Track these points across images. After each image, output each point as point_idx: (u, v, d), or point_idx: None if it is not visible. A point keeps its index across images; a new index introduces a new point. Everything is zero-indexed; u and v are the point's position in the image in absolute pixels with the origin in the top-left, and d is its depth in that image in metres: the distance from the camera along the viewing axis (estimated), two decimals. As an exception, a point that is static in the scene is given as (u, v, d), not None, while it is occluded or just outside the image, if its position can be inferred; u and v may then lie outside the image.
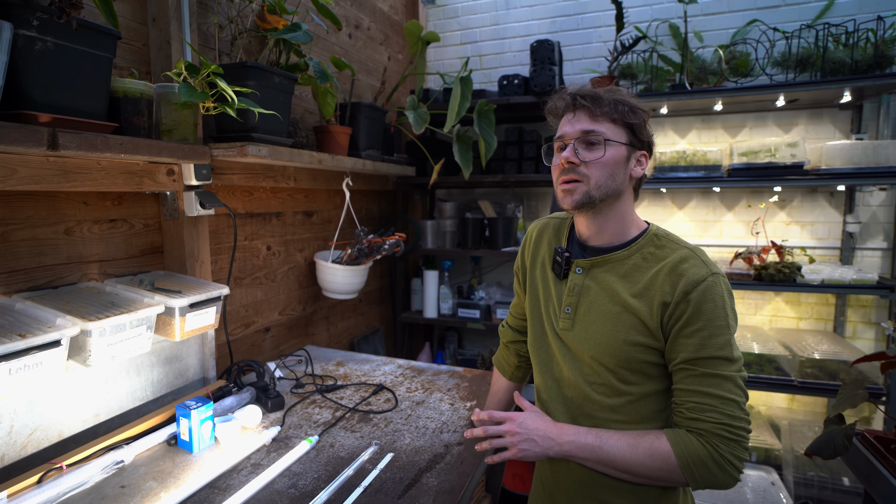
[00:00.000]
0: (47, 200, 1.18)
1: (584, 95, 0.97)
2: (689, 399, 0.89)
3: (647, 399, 0.95)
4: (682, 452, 0.86)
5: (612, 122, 0.95)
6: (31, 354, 0.94)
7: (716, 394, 0.86)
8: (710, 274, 0.90)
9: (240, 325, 1.77)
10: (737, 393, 0.87)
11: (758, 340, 2.20)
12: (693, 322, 0.88)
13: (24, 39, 0.92)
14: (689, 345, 0.88)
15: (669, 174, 2.27)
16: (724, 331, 0.88)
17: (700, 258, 0.93)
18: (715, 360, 0.87)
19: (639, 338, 0.93)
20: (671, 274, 0.91)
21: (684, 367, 0.89)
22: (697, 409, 0.87)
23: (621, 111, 0.95)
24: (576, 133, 0.96)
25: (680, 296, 0.89)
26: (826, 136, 2.35)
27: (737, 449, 0.85)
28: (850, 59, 2.01)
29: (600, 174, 0.94)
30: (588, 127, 0.95)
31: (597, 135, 0.95)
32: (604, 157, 0.94)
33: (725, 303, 0.90)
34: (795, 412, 2.41)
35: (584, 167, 0.95)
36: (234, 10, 1.59)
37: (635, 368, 0.94)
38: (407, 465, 1.15)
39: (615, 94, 0.97)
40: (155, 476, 1.09)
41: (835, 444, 1.15)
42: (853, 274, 2.03)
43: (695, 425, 0.87)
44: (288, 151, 1.58)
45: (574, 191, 0.96)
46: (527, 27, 2.86)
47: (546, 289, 1.08)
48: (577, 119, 0.98)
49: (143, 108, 1.18)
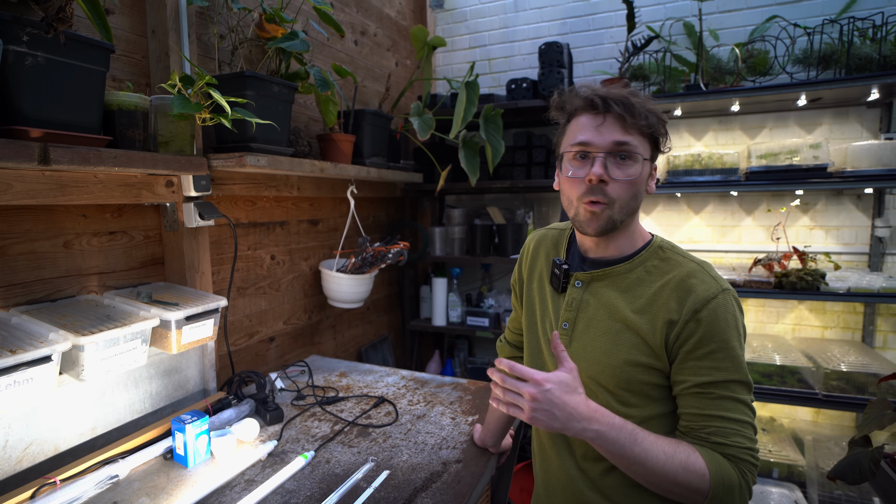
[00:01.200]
0: (45, 214, 1.18)
1: (616, 100, 0.85)
2: (710, 423, 0.83)
3: (648, 423, 0.89)
4: (717, 473, 0.79)
5: (642, 135, 0.86)
6: (22, 370, 0.94)
7: (736, 418, 0.82)
8: (721, 290, 0.85)
9: (243, 335, 1.77)
10: (751, 416, 0.84)
11: (779, 351, 2.10)
12: (705, 344, 0.82)
13: (15, 55, 0.92)
14: (701, 367, 0.83)
15: (684, 178, 2.19)
16: (737, 352, 0.83)
17: (708, 273, 0.88)
18: (732, 383, 0.83)
19: (640, 357, 0.87)
20: (678, 290, 0.86)
21: (698, 391, 0.84)
22: (722, 434, 0.82)
23: (652, 123, 0.86)
24: (607, 145, 0.85)
25: (689, 314, 0.83)
26: (852, 136, 2.24)
27: (754, 474, 0.82)
28: (877, 54, 1.90)
29: (627, 195, 0.86)
30: (621, 138, 0.85)
31: (631, 148, 0.85)
32: (636, 176, 0.86)
33: (738, 322, 0.85)
34: (821, 426, 2.30)
35: (611, 186, 0.85)
36: (235, 20, 1.59)
37: (636, 390, 0.89)
38: (402, 483, 1.11)
39: (644, 101, 0.87)
40: (148, 492, 1.08)
41: (860, 467, 1.07)
42: (882, 281, 1.93)
43: (722, 450, 0.82)
44: (288, 161, 1.56)
45: (600, 215, 0.87)
46: (536, 29, 2.81)
47: (543, 303, 1.03)
48: (606, 127, 0.86)
49: (138, 120, 1.18)
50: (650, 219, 2.57)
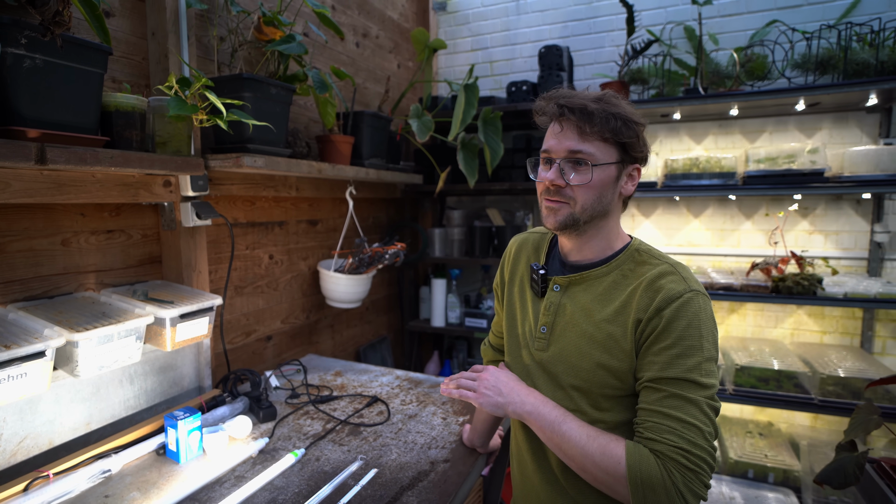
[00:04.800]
0: (44, 212, 1.21)
1: (572, 108, 0.88)
2: (649, 419, 0.82)
3: (621, 428, 0.89)
4: (635, 464, 0.79)
5: (603, 141, 0.88)
6: (16, 365, 0.96)
7: (677, 416, 0.79)
8: (688, 290, 0.85)
9: (240, 333, 1.79)
10: (702, 420, 0.79)
11: (777, 355, 2.10)
12: (662, 339, 0.83)
13: (13, 57, 0.95)
14: (655, 363, 0.83)
15: (682, 181, 2.19)
16: (695, 352, 0.81)
17: (680, 274, 0.88)
18: (681, 381, 0.81)
19: (613, 362, 0.88)
20: (648, 290, 0.87)
21: (649, 386, 0.84)
22: (655, 429, 0.80)
23: (613, 128, 0.87)
24: (562, 152, 0.90)
25: (653, 312, 0.84)
26: (852, 140, 2.23)
27: (693, 481, 0.77)
28: (874, 59, 1.90)
29: (587, 197, 0.89)
30: (575, 146, 0.88)
31: (584, 155, 0.88)
32: (591, 182, 0.88)
33: (701, 322, 0.83)
34: (819, 431, 2.29)
35: (569, 189, 0.90)
36: (234, 23, 1.61)
37: (608, 394, 0.89)
38: (390, 481, 1.12)
39: (609, 105, 0.88)
40: (139, 486, 1.10)
41: (846, 472, 1.07)
42: (879, 286, 1.92)
43: (651, 445, 0.80)
44: (285, 161, 1.58)
45: (558, 211, 0.91)
46: (538, 32, 2.82)
47: (524, 307, 1.04)
48: (564, 135, 0.90)
49: (135, 121, 1.20)
50: (650, 222, 2.57)
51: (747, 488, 1.98)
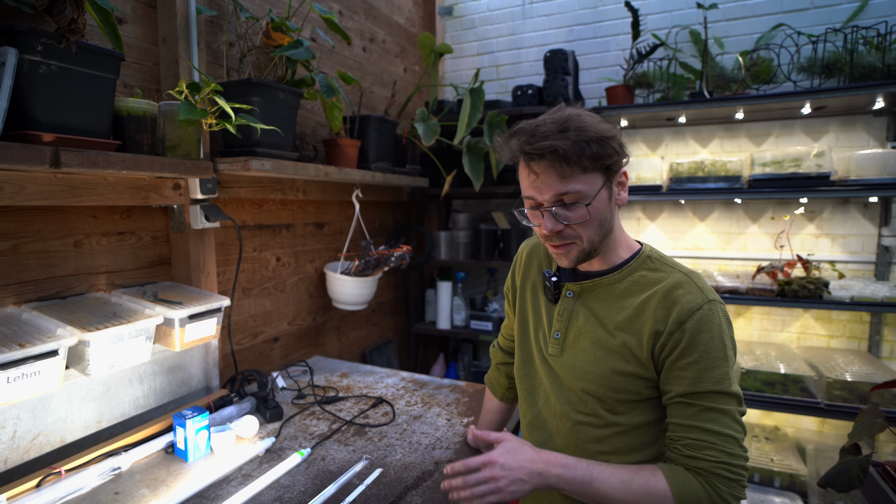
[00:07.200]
0: (57, 214, 1.23)
1: (542, 153, 0.81)
2: (686, 435, 0.83)
3: (635, 431, 0.90)
4: (680, 493, 0.81)
5: (585, 172, 0.83)
6: (30, 363, 0.98)
7: (714, 430, 0.81)
8: (707, 301, 0.85)
9: (247, 334, 1.81)
10: (735, 429, 0.82)
11: (783, 359, 2.09)
12: (688, 353, 0.83)
13: (29, 64, 0.97)
14: (684, 378, 0.84)
15: (687, 185, 2.19)
16: (721, 363, 0.82)
17: (695, 284, 0.88)
18: (713, 394, 0.82)
19: (627, 367, 0.89)
20: (664, 300, 0.87)
21: (680, 401, 0.85)
22: (695, 447, 0.82)
23: (591, 155, 0.81)
24: (548, 198, 0.86)
25: (674, 325, 0.84)
26: (859, 144, 2.22)
27: (736, 489, 0.80)
28: (881, 63, 1.90)
29: (590, 231, 0.88)
30: (560, 190, 0.84)
31: (573, 196, 0.84)
32: (590, 217, 0.86)
33: (723, 332, 0.84)
34: (826, 435, 2.27)
35: (570, 229, 0.87)
36: (243, 28, 1.64)
37: (623, 399, 0.90)
38: (394, 481, 1.13)
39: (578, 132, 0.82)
40: (148, 483, 1.12)
41: (849, 475, 1.07)
42: (886, 290, 1.91)
43: (693, 464, 0.82)
44: (293, 165, 1.61)
45: (568, 253, 0.91)
46: (543, 36, 2.84)
47: (537, 312, 1.05)
48: (542, 181, 0.84)
49: (146, 125, 1.23)
50: (655, 225, 2.57)
51: (753, 492, 1.97)
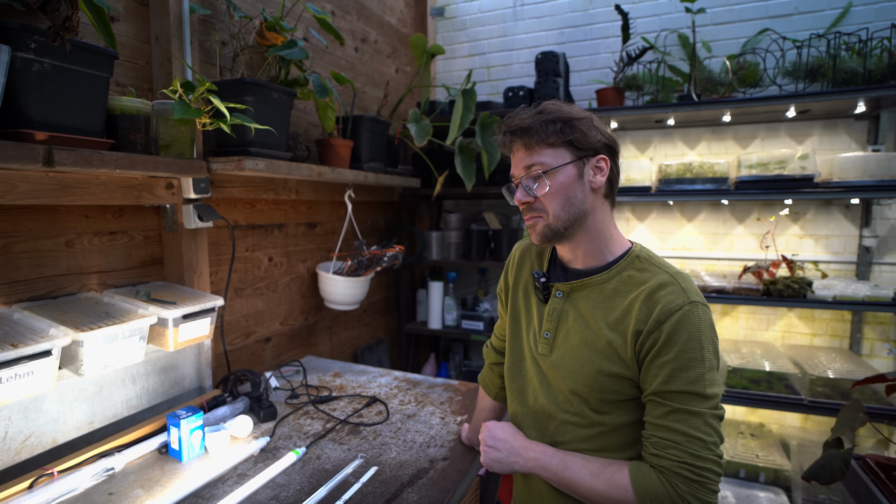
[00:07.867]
0: (48, 214, 1.22)
1: (513, 130, 0.95)
2: (655, 433, 0.86)
3: (620, 430, 0.92)
4: (641, 488, 0.83)
5: (550, 147, 0.93)
6: (23, 364, 0.97)
7: (680, 430, 0.82)
8: (688, 302, 0.86)
9: (240, 334, 1.80)
10: (706, 431, 0.82)
11: (768, 357, 2.14)
12: (664, 353, 0.84)
13: (23, 61, 0.96)
14: (658, 376, 0.85)
15: (675, 186, 2.23)
16: (696, 364, 0.83)
17: (680, 284, 0.88)
18: (684, 394, 0.83)
19: (612, 368, 0.90)
20: (647, 301, 0.88)
21: (653, 399, 0.87)
22: (660, 445, 0.84)
23: (555, 131, 0.91)
24: (520, 171, 0.96)
25: (653, 325, 0.86)
26: (841, 147, 2.28)
27: (700, 491, 0.80)
28: (862, 68, 1.95)
29: (554, 204, 0.93)
30: (527, 161, 0.94)
31: (538, 166, 0.93)
32: (551, 188, 0.93)
33: (702, 334, 0.84)
34: (810, 431, 2.33)
35: (538, 202, 0.95)
36: (236, 28, 1.64)
37: (609, 399, 0.92)
38: (390, 479, 1.14)
39: (546, 113, 0.93)
40: (143, 484, 1.11)
41: (832, 468, 1.10)
42: (867, 290, 1.96)
43: (656, 462, 0.84)
44: (286, 165, 1.60)
45: (535, 226, 0.97)
46: (535, 38, 2.86)
47: (528, 312, 1.06)
48: (517, 156, 0.97)
49: (139, 124, 1.22)
50: (644, 226, 2.61)
51: (739, 488, 2.02)
